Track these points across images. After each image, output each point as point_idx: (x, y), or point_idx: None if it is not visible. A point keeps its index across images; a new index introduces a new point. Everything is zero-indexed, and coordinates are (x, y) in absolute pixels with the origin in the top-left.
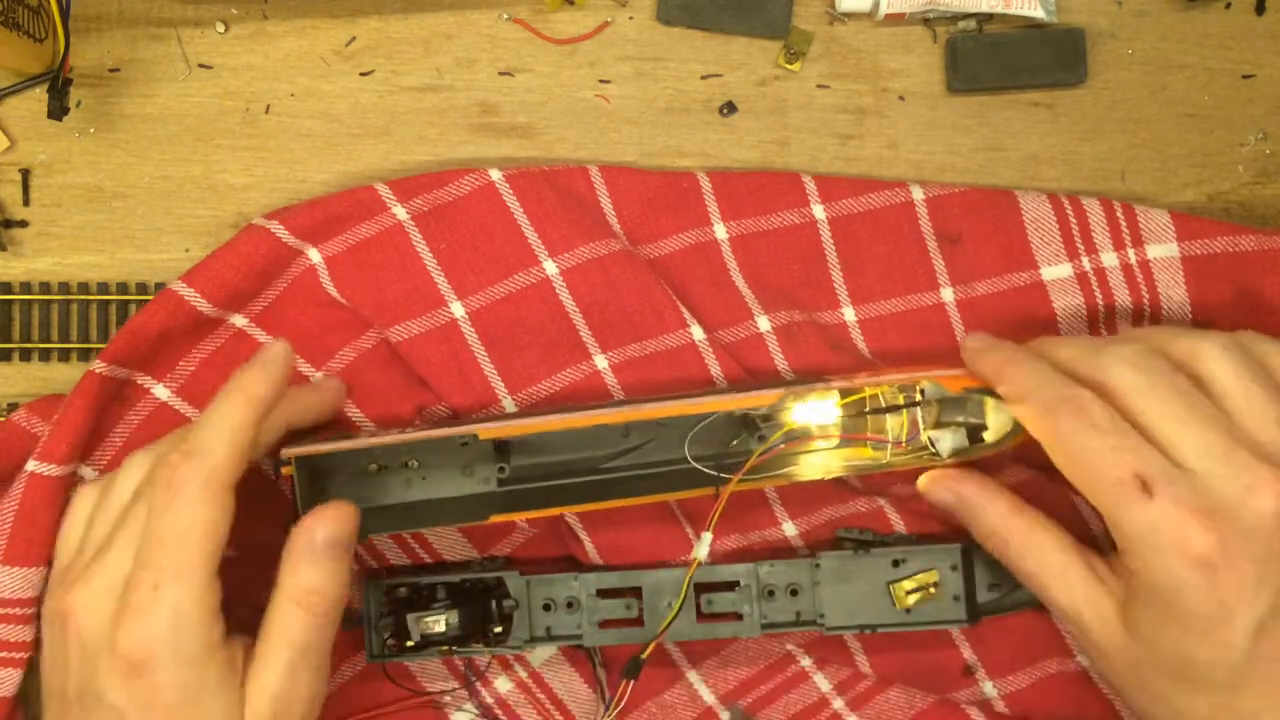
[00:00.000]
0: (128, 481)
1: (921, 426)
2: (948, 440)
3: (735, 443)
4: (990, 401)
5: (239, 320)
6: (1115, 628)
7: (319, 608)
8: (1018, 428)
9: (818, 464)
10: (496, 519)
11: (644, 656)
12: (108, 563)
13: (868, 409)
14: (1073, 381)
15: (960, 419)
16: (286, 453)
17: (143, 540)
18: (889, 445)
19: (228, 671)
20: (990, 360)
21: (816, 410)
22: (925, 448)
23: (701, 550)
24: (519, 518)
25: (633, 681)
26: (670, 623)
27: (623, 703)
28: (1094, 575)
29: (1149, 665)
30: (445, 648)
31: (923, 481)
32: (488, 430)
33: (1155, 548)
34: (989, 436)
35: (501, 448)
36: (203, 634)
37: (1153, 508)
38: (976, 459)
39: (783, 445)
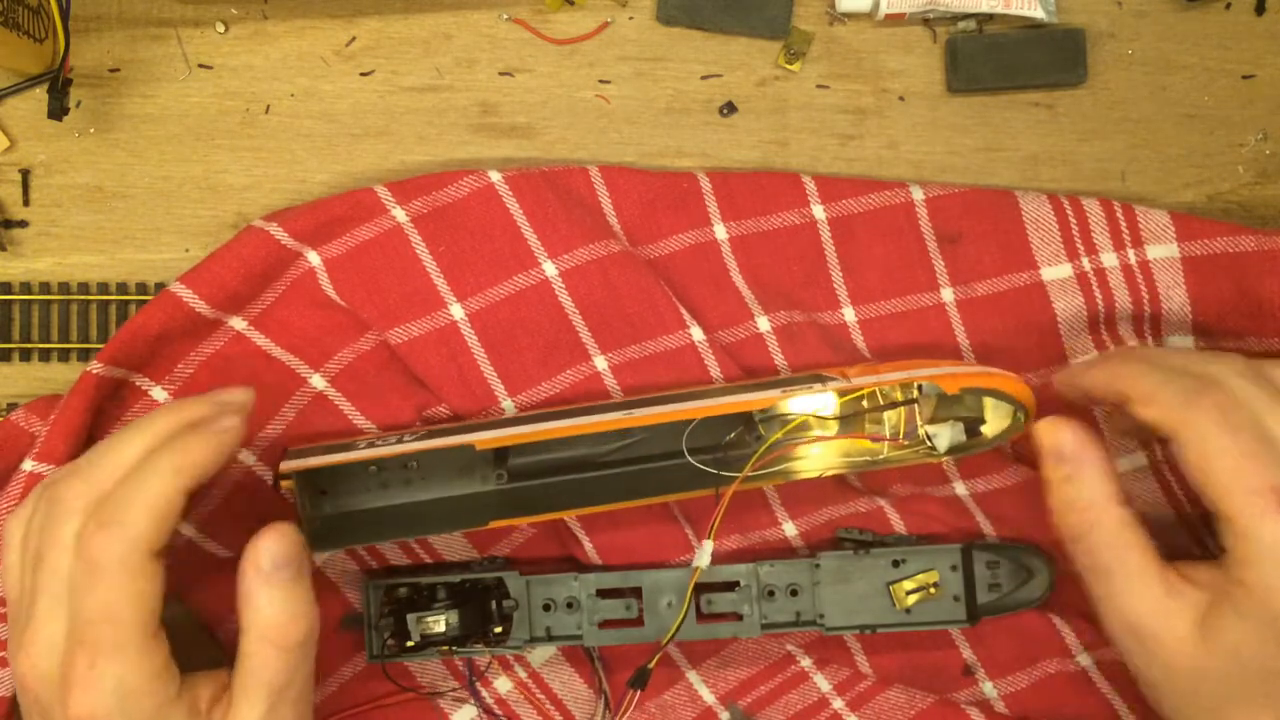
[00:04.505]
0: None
1: (919, 421)
2: (945, 435)
3: (732, 435)
4: (988, 398)
5: (238, 323)
6: (1185, 638)
7: (292, 639)
8: (1015, 424)
9: (816, 461)
10: (497, 524)
11: (650, 666)
12: (39, 629)
13: (865, 406)
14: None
15: (958, 414)
16: (285, 467)
17: (71, 616)
18: (886, 441)
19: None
20: (1101, 372)
21: (814, 407)
22: (923, 442)
23: (704, 559)
24: (518, 523)
25: (639, 691)
26: (674, 634)
27: (629, 712)
28: (1167, 587)
29: (1219, 677)
30: (445, 648)
31: (1044, 424)
32: (484, 442)
33: None
34: (987, 431)
35: (500, 452)
36: (153, 697)
37: None
38: (974, 454)
39: (781, 448)
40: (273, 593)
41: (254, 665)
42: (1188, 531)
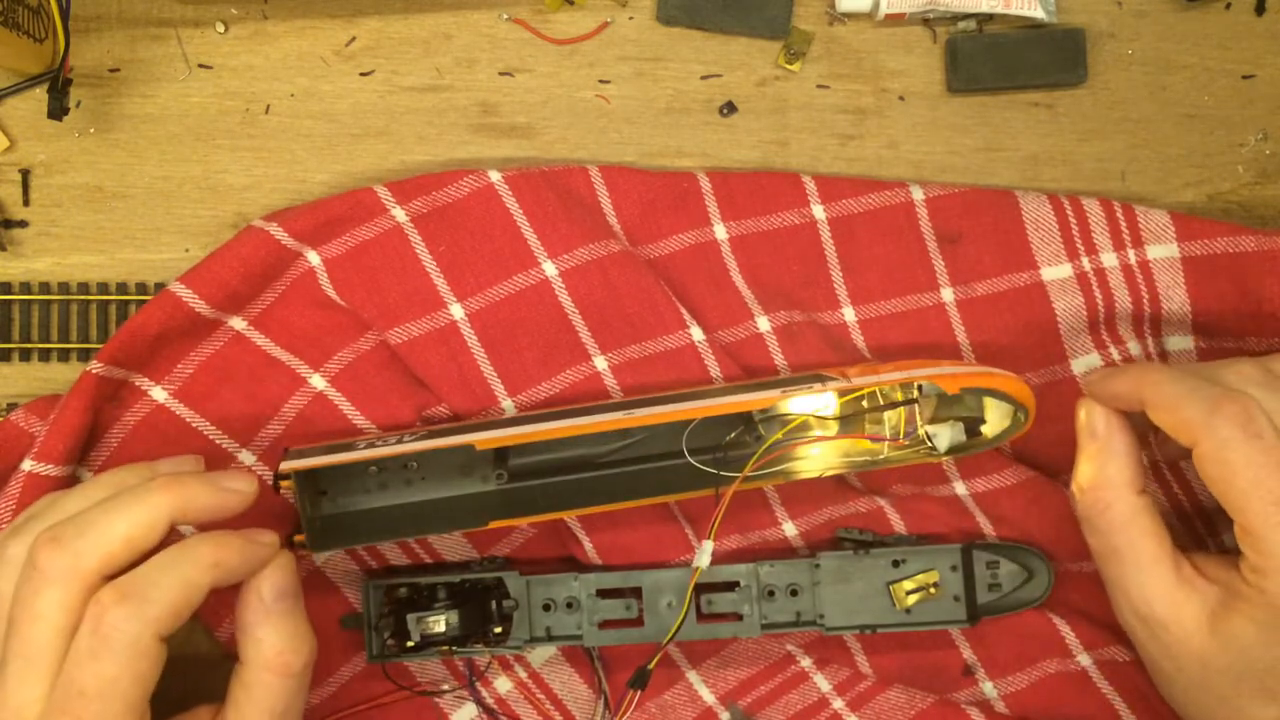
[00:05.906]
0: (6, 570)
1: (919, 421)
2: (945, 435)
3: (732, 435)
4: (988, 398)
5: (238, 323)
6: (1194, 631)
7: (294, 667)
8: (1015, 424)
9: (816, 461)
10: (497, 524)
11: (650, 667)
12: (9, 694)
13: (865, 405)
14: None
15: (958, 414)
16: (285, 467)
17: (60, 681)
18: (886, 441)
19: None
20: (1124, 379)
21: (814, 407)
22: (923, 442)
23: (704, 559)
24: (518, 523)
25: (639, 692)
26: (674, 634)
27: (629, 712)
28: (1179, 577)
29: (1226, 671)
30: (445, 648)
31: (1084, 402)
32: (484, 442)
33: None
34: (987, 431)
35: (500, 453)
36: None
37: None
38: (974, 454)
39: (781, 448)
40: (274, 623)
41: (257, 694)
42: (1186, 529)
